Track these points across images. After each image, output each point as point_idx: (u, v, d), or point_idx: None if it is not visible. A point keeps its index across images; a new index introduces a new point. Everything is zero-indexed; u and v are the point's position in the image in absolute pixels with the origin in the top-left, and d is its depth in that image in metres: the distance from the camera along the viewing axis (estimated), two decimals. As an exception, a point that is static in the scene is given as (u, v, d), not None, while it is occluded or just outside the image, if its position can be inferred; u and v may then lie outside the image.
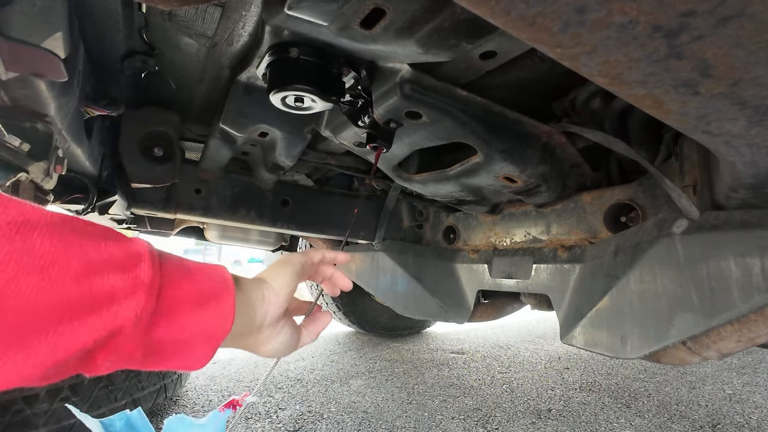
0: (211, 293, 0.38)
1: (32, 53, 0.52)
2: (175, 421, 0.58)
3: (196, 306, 0.36)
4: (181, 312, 0.35)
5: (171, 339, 0.35)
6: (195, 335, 0.37)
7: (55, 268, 0.28)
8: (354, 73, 0.76)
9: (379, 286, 1.59)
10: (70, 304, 0.28)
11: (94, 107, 0.86)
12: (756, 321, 0.62)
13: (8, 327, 0.26)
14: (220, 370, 2.02)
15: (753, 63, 0.32)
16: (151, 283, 0.32)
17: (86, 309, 0.29)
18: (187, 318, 0.36)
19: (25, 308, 0.26)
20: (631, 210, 0.95)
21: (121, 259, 0.32)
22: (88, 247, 0.30)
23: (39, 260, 0.27)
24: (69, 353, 0.29)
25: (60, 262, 0.28)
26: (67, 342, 0.28)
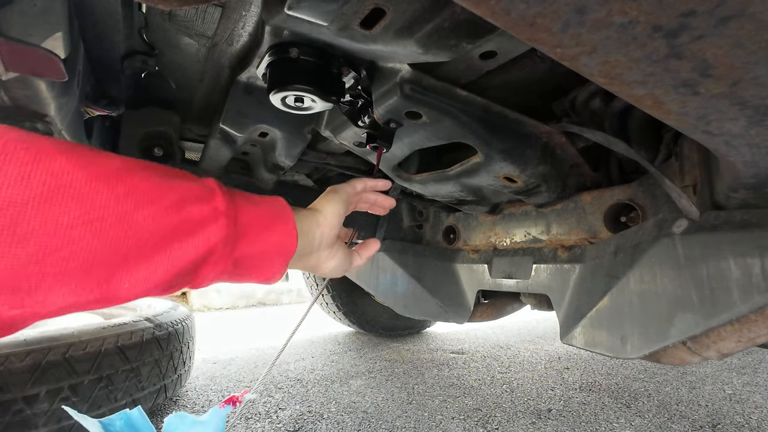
0: (276, 217, 0.46)
1: (32, 53, 0.52)
2: (175, 419, 0.58)
3: (265, 228, 0.44)
4: (254, 233, 0.43)
5: (251, 255, 0.43)
6: (269, 251, 0.45)
7: (158, 203, 0.35)
8: (354, 73, 0.76)
9: (379, 286, 1.59)
10: (175, 228, 0.36)
11: (94, 107, 0.86)
12: (756, 321, 0.62)
13: (139, 246, 0.34)
14: (220, 370, 2.02)
15: (753, 63, 0.32)
16: (227, 211, 0.40)
17: (187, 232, 0.37)
18: (260, 238, 0.44)
19: (146, 232, 0.34)
20: (631, 210, 0.95)
21: (202, 193, 0.39)
22: (175, 184, 0.38)
23: (146, 195, 0.35)
24: (183, 266, 0.37)
25: (161, 197, 0.36)
26: (180, 256, 0.37)
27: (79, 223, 0.31)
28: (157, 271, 0.35)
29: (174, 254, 0.36)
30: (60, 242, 0.30)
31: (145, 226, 0.34)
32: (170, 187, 0.37)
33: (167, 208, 0.36)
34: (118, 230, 0.33)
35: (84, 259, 0.31)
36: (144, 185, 0.35)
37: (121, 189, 0.33)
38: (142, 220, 0.34)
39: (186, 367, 1.55)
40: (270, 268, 0.46)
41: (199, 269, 0.39)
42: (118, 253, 0.33)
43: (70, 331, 1.18)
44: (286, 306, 4.93)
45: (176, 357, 1.45)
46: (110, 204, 0.32)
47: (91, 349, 1.16)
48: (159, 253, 0.35)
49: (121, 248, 0.33)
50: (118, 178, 0.34)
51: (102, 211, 0.32)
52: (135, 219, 0.34)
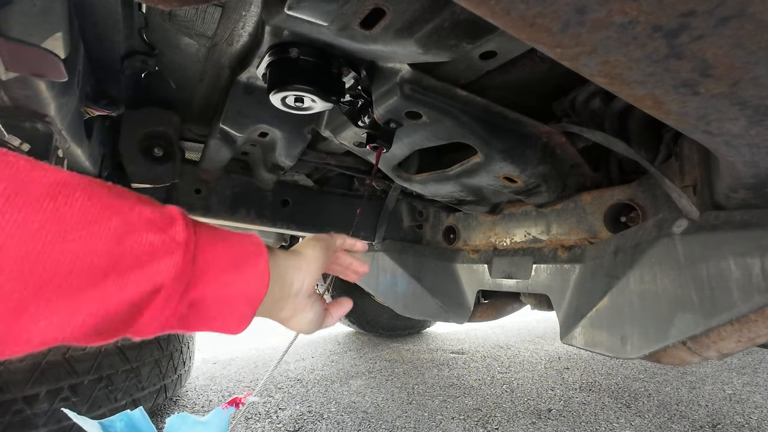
0: (246, 256, 0.38)
1: (32, 53, 0.52)
2: (177, 419, 0.58)
3: (231, 268, 0.37)
4: (217, 273, 0.36)
5: (210, 300, 0.36)
6: (233, 296, 0.37)
7: (96, 226, 0.29)
8: (354, 73, 0.76)
9: (379, 286, 1.59)
10: (112, 260, 0.29)
11: (94, 107, 0.86)
12: (756, 321, 0.62)
13: (58, 282, 0.27)
14: (220, 370, 2.02)
15: (753, 63, 0.32)
16: (186, 244, 0.33)
17: (128, 265, 0.30)
18: (224, 279, 0.36)
19: (72, 264, 0.27)
20: (631, 210, 0.95)
21: (156, 219, 0.32)
22: (124, 207, 0.31)
23: (82, 218, 0.28)
24: (116, 307, 0.30)
25: (101, 221, 0.29)
26: (113, 295, 0.29)
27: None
28: (80, 312, 0.28)
29: (107, 292, 0.29)
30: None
31: (73, 255, 0.27)
32: (119, 210, 0.30)
33: (107, 234, 0.29)
34: (32, 260, 0.26)
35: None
36: (83, 207, 0.29)
37: (46, 209, 0.27)
38: (69, 247, 0.27)
39: (186, 367, 1.55)
40: (232, 317, 0.38)
41: (140, 312, 0.31)
42: (28, 286, 0.26)
43: (70, 331, 1.18)
44: (286, 306, 4.92)
45: (176, 357, 1.45)
46: (26, 228, 0.26)
47: (91, 349, 1.16)
48: (87, 290, 0.28)
49: (33, 280, 0.26)
50: (48, 196, 0.27)
51: (13, 237, 0.26)
52: (58, 247, 0.27)
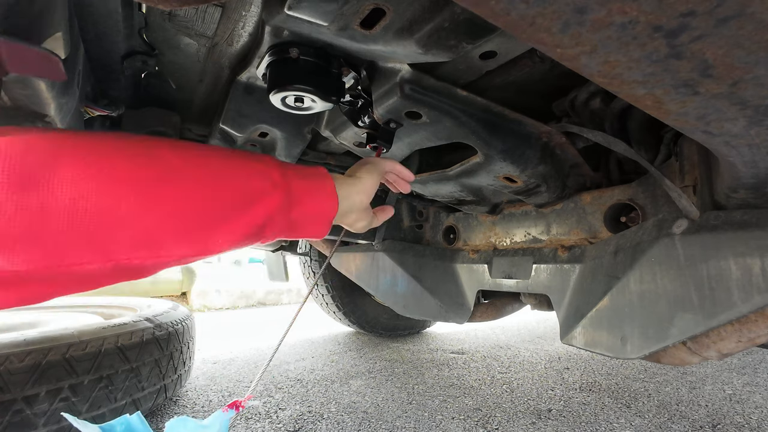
0: (320, 187, 0.57)
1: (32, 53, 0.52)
2: (177, 422, 0.57)
3: (312, 196, 0.56)
4: (303, 200, 0.54)
5: (301, 217, 0.55)
6: (315, 215, 0.57)
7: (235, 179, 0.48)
8: (354, 74, 0.76)
9: (379, 286, 1.59)
10: (246, 198, 0.48)
11: (94, 107, 0.86)
12: (756, 321, 0.62)
13: (225, 212, 0.46)
14: (220, 370, 2.02)
15: (753, 63, 0.32)
16: (282, 184, 0.52)
17: (254, 201, 0.49)
18: (308, 204, 0.55)
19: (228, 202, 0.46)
20: (631, 210, 0.95)
21: (262, 169, 0.51)
22: (244, 164, 0.50)
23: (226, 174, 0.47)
24: (253, 227, 0.49)
25: (236, 175, 0.48)
26: (250, 220, 0.48)
27: (183, 199, 0.43)
28: (236, 230, 0.47)
29: (246, 218, 0.48)
30: (173, 212, 0.42)
31: (226, 199, 0.46)
32: (240, 168, 0.49)
33: (239, 184, 0.47)
34: (208, 203, 0.45)
35: (190, 223, 0.43)
36: (222, 167, 0.47)
37: (207, 171, 0.45)
38: (223, 194, 0.46)
39: (186, 367, 1.55)
40: (316, 227, 0.58)
41: (264, 230, 0.51)
42: (212, 217, 0.45)
43: (70, 331, 1.18)
44: (286, 306, 4.93)
45: (176, 357, 1.45)
46: (201, 183, 0.44)
47: (91, 349, 1.16)
48: (237, 218, 0.47)
49: (212, 215, 0.45)
50: (206, 164, 0.46)
51: (195, 190, 0.44)
52: (218, 194, 0.45)
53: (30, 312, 1.83)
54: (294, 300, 5.17)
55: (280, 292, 5.08)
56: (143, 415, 0.60)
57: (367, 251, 1.65)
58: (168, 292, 4.73)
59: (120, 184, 0.39)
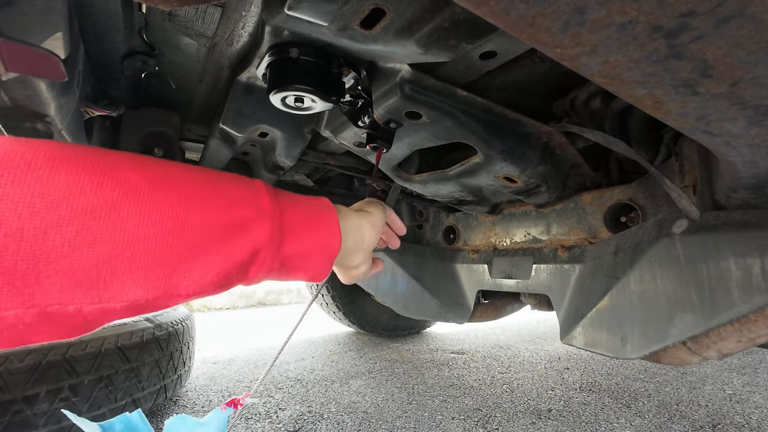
0: (320, 218, 0.48)
1: (32, 53, 0.52)
2: (176, 421, 0.57)
3: (309, 228, 0.46)
4: (298, 234, 0.45)
5: (296, 254, 0.45)
6: (313, 250, 0.47)
7: (213, 204, 0.39)
8: (354, 74, 0.76)
9: (379, 286, 1.59)
10: (225, 230, 0.39)
11: (94, 107, 0.86)
12: (756, 321, 0.62)
13: (194, 247, 0.37)
14: (220, 370, 2.02)
15: (753, 63, 0.32)
16: (272, 213, 0.42)
17: (236, 233, 0.39)
18: (304, 238, 0.46)
19: (199, 234, 0.37)
20: (631, 210, 0.95)
21: (249, 196, 0.42)
22: (226, 188, 0.41)
23: (199, 200, 0.38)
24: (233, 265, 0.39)
25: (212, 201, 0.39)
26: (230, 256, 0.39)
27: (143, 226, 0.34)
28: (210, 270, 0.38)
29: (224, 254, 0.39)
30: (126, 243, 0.33)
31: (199, 228, 0.37)
32: (221, 192, 0.40)
33: (217, 211, 0.39)
34: (175, 233, 0.36)
35: (148, 258, 0.35)
36: (198, 191, 0.39)
37: (177, 195, 0.37)
38: (195, 223, 0.37)
39: (186, 368, 1.55)
40: (315, 267, 0.48)
41: (248, 268, 0.41)
42: (176, 252, 0.36)
43: (70, 331, 1.17)
44: (286, 306, 4.93)
45: (176, 357, 1.45)
46: (168, 209, 0.36)
47: (91, 349, 1.16)
48: (211, 254, 0.38)
49: (178, 248, 0.36)
50: (176, 184, 0.37)
51: (161, 215, 0.35)
52: (189, 222, 0.37)
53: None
54: (294, 300, 5.17)
55: (280, 292, 5.08)
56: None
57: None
58: (168, 292, 4.72)
59: (55, 207, 0.31)
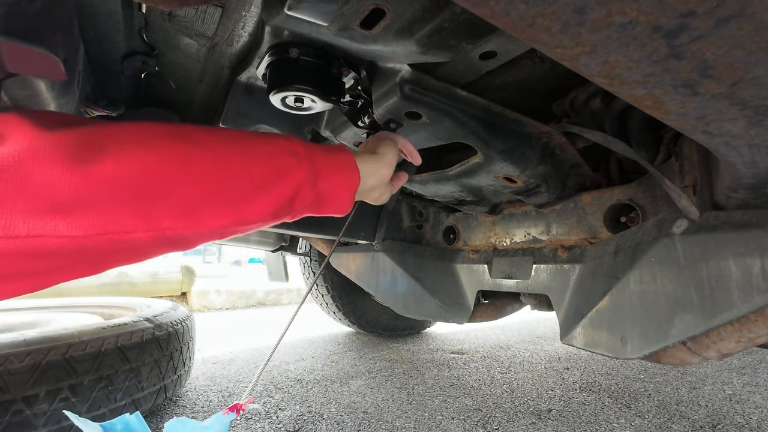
0: (343, 162, 0.61)
1: (32, 53, 0.52)
2: (176, 423, 0.57)
3: (336, 170, 0.59)
4: (327, 174, 0.58)
5: (328, 189, 0.58)
6: (339, 187, 0.60)
7: (264, 155, 0.52)
8: (354, 74, 0.76)
9: (379, 287, 1.59)
10: (273, 174, 0.52)
11: (94, 107, 0.86)
12: (756, 321, 0.62)
13: (255, 186, 0.50)
14: (220, 370, 2.02)
15: (753, 63, 0.32)
16: (307, 160, 0.55)
17: (283, 174, 0.53)
18: (332, 177, 0.59)
19: (256, 172, 0.50)
20: (631, 210, 0.95)
21: (288, 145, 0.55)
22: (271, 142, 0.54)
23: (255, 148, 0.51)
24: (283, 198, 0.53)
25: (261, 149, 0.52)
26: (280, 192, 0.53)
27: (219, 171, 0.47)
28: (268, 203, 0.51)
29: (276, 190, 0.52)
30: (211, 183, 0.46)
31: (258, 175, 0.50)
32: (267, 143, 0.53)
33: (268, 159, 0.52)
34: (241, 175, 0.49)
35: (228, 195, 0.48)
36: (251, 144, 0.51)
37: (236, 148, 0.49)
38: (255, 170, 0.50)
39: (186, 368, 1.55)
40: (342, 199, 0.61)
41: (293, 203, 0.55)
42: (244, 189, 0.49)
43: (70, 331, 1.18)
44: (285, 306, 4.93)
45: (176, 357, 1.45)
46: (236, 161, 0.49)
47: (91, 349, 1.16)
48: (267, 190, 0.51)
49: (246, 186, 0.49)
50: (234, 141, 0.50)
51: (233, 165, 0.48)
52: (250, 170, 0.49)
53: (30, 312, 1.83)
54: (294, 300, 5.17)
55: (280, 292, 5.08)
56: (143, 416, 0.60)
57: (366, 251, 1.65)
58: (168, 292, 4.73)
59: (161, 158, 0.43)
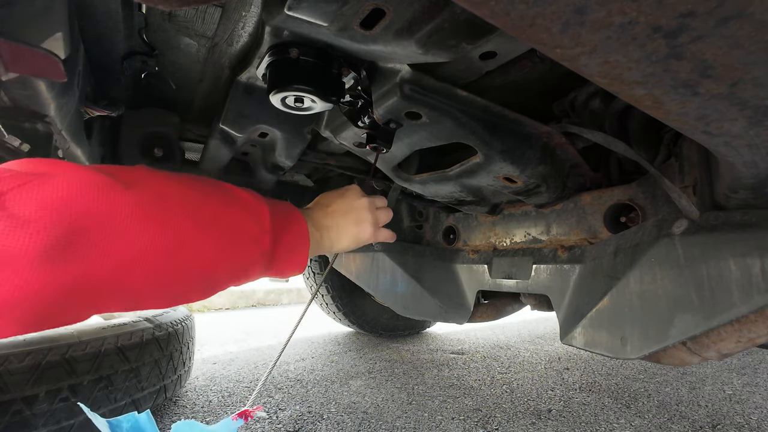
0: (301, 236, 0.62)
1: (32, 53, 0.52)
2: (183, 426, 0.57)
3: (291, 248, 0.60)
4: (282, 260, 0.60)
5: (281, 257, 0.60)
6: (293, 259, 0.61)
7: (226, 252, 0.53)
8: (354, 74, 0.76)
9: (379, 287, 1.59)
10: (234, 270, 0.54)
11: (94, 108, 0.86)
12: (756, 321, 0.62)
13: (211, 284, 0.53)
14: (220, 370, 2.02)
15: (752, 63, 0.32)
16: (270, 231, 0.57)
17: (241, 272, 0.55)
18: (285, 265, 0.60)
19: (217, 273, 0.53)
20: (631, 210, 0.95)
21: (251, 231, 0.55)
22: (232, 225, 0.54)
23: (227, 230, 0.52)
24: (240, 271, 0.55)
25: (227, 245, 0.52)
26: (245, 256, 0.55)
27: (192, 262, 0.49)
28: (227, 283, 0.55)
29: (230, 284, 0.55)
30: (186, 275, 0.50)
31: (215, 274, 0.52)
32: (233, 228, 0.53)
33: (230, 257, 0.53)
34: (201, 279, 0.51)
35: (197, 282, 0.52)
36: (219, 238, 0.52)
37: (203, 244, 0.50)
38: (215, 272, 0.52)
39: (186, 368, 1.55)
40: (295, 267, 0.62)
41: (249, 270, 0.57)
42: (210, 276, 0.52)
43: (70, 332, 1.18)
44: (286, 306, 4.92)
45: (176, 357, 1.45)
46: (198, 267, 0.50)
47: (91, 349, 1.16)
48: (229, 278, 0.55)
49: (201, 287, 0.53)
50: (213, 223, 0.51)
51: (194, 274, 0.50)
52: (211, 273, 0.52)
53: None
54: (294, 300, 5.17)
55: (280, 292, 5.07)
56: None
57: (367, 251, 1.65)
58: (168, 292, 4.72)
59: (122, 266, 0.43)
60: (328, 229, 0.68)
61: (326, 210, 0.70)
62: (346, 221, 0.69)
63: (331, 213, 0.69)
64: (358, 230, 0.70)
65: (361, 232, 0.70)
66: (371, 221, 0.71)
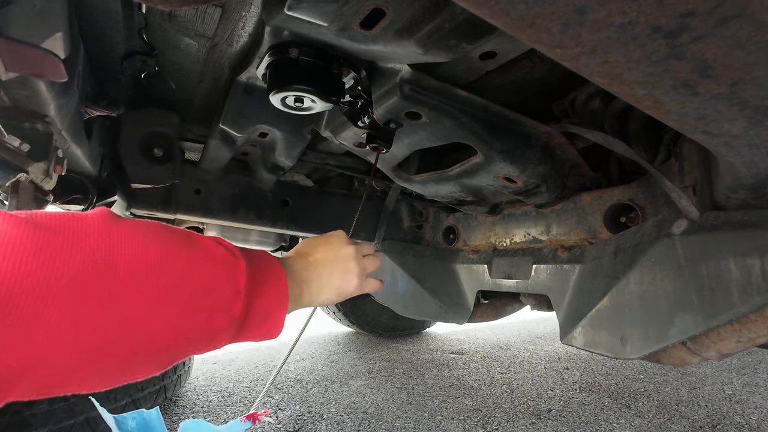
0: (278, 296, 0.54)
1: (32, 53, 0.52)
2: (192, 425, 0.57)
3: (268, 312, 0.53)
4: (258, 309, 0.52)
5: (253, 323, 0.52)
6: (265, 318, 0.53)
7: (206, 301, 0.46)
8: (354, 74, 0.76)
9: (379, 287, 1.59)
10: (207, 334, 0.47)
11: (94, 108, 0.86)
12: (756, 321, 0.62)
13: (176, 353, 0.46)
14: (220, 370, 2.02)
15: (752, 63, 0.32)
16: (245, 292, 0.49)
17: (214, 311, 0.47)
18: (261, 311, 0.52)
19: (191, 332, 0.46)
20: (630, 210, 0.95)
21: (230, 269, 0.49)
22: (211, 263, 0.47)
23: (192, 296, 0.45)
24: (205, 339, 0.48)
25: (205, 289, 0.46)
26: (212, 325, 0.47)
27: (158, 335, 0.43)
28: (197, 351, 0.49)
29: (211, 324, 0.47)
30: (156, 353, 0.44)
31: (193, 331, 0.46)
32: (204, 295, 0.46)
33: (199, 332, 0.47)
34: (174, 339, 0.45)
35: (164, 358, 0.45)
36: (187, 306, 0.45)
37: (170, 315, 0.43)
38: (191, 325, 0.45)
39: (186, 368, 1.55)
40: (269, 331, 0.55)
41: (219, 337, 0.49)
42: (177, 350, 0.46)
43: (70, 332, 1.17)
44: (285, 306, 4.92)
45: (176, 357, 1.45)
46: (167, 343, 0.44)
47: (90, 349, 1.16)
48: (192, 350, 0.48)
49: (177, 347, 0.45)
50: (175, 289, 0.43)
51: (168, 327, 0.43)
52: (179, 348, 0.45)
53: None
54: (294, 300, 5.17)
55: (279, 292, 5.07)
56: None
57: (366, 251, 1.65)
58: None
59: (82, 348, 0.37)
60: (309, 283, 0.60)
61: (308, 260, 0.62)
62: (330, 272, 0.62)
63: (314, 263, 0.62)
64: (343, 282, 0.63)
65: (346, 284, 0.63)
66: (357, 272, 0.64)
